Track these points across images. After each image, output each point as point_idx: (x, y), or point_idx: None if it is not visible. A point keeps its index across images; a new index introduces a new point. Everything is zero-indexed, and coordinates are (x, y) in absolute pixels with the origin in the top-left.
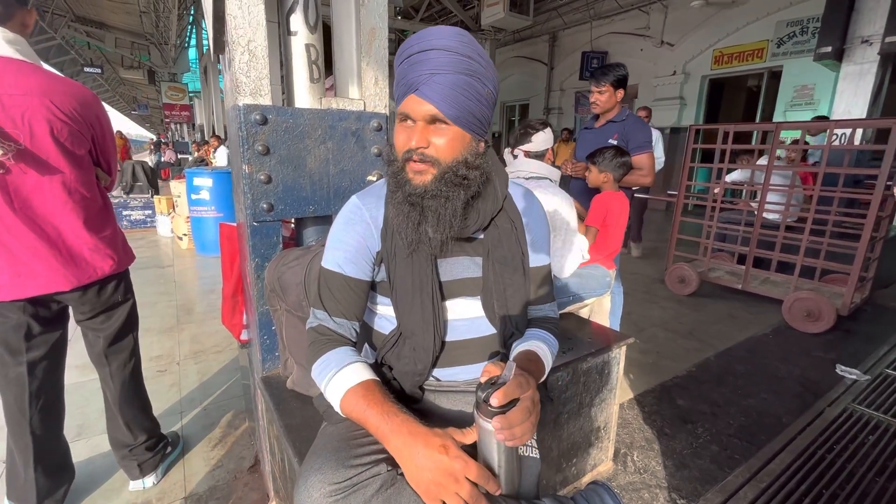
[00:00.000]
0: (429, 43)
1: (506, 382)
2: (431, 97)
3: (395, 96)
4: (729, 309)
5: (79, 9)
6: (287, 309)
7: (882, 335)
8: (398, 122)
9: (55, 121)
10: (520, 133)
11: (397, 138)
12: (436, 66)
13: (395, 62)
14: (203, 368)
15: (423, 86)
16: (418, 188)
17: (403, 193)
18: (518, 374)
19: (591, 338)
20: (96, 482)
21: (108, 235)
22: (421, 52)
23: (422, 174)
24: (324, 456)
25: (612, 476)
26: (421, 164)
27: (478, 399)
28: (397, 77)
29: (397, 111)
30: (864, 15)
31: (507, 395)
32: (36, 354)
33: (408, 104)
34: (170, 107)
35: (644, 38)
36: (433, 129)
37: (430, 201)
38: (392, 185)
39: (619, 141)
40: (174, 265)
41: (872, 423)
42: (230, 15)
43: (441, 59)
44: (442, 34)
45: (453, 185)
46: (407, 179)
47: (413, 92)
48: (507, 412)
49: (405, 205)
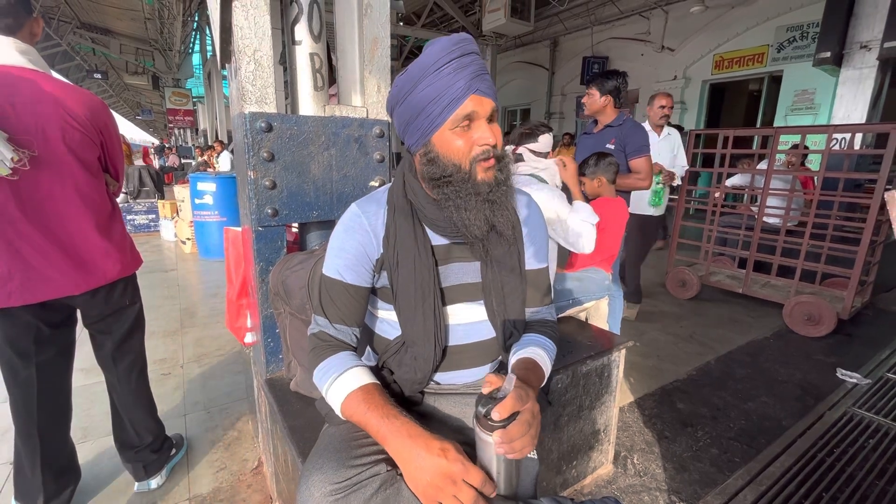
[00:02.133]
0: (466, 47)
1: (505, 396)
2: (490, 94)
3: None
4: (730, 313)
5: (84, 15)
6: (291, 312)
7: (883, 339)
8: (448, 132)
9: (67, 128)
10: (525, 132)
11: (453, 146)
12: (479, 69)
13: (422, 74)
14: (206, 371)
15: (481, 85)
16: (493, 182)
17: (482, 195)
18: (518, 386)
19: (591, 341)
20: (102, 483)
21: (117, 240)
22: (464, 56)
23: (492, 169)
24: (325, 456)
25: (612, 479)
26: (493, 160)
27: (478, 413)
28: (435, 88)
29: (451, 118)
30: (863, 20)
31: (508, 408)
32: (45, 357)
33: (471, 104)
34: (173, 112)
35: (645, 44)
36: (492, 126)
37: (504, 189)
38: (462, 192)
39: (617, 145)
40: (178, 269)
41: (873, 426)
42: (237, 25)
43: (479, 62)
44: (471, 40)
45: (510, 172)
46: (479, 181)
47: (473, 93)
48: (508, 426)
49: (485, 203)
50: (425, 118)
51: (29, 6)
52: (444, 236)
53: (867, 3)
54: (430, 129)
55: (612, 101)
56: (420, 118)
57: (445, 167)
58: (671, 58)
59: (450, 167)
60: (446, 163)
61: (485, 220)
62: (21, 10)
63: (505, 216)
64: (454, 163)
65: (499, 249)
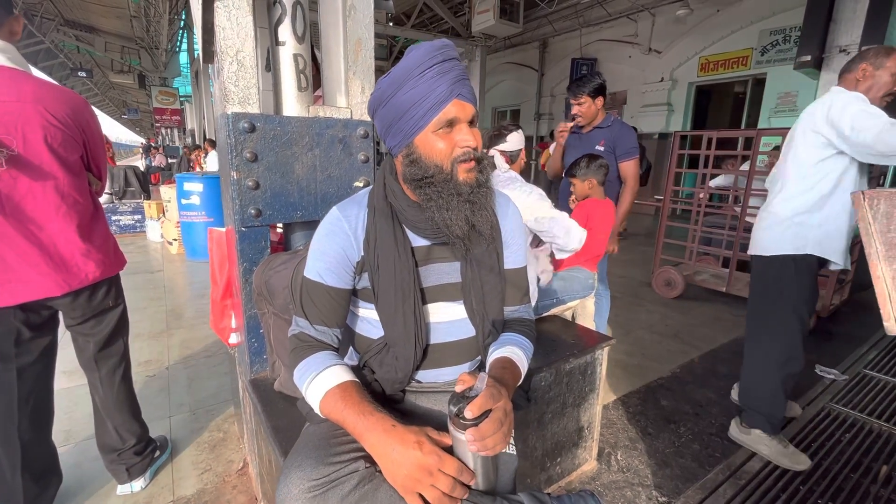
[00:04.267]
0: (448, 53)
1: (478, 394)
2: (471, 99)
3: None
4: (714, 312)
5: (68, 13)
6: (275, 312)
7: (860, 336)
8: (430, 134)
9: (49, 127)
10: (493, 134)
11: (435, 147)
12: (460, 74)
13: (406, 77)
14: (192, 373)
15: (463, 90)
16: (473, 184)
17: (463, 196)
18: (490, 385)
19: (574, 339)
20: (84, 487)
21: (99, 240)
22: (445, 62)
23: (473, 171)
24: (304, 454)
25: (596, 475)
26: (473, 162)
27: (450, 411)
28: (418, 91)
29: (434, 121)
30: (842, 25)
31: (480, 407)
32: (26, 360)
33: (453, 108)
34: (160, 111)
35: (632, 46)
36: (472, 129)
37: (484, 191)
38: (444, 193)
39: (606, 147)
40: (164, 270)
41: (849, 421)
42: (219, 26)
43: (459, 68)
44: (452, 45)
45: (489, 175)
46: (461, 181)
47: (455, 97)
48: (480, 424)
49: (465, 203)
50: (408, 120)
51: (9, 5)
52: (424, 237)
53: (846, 8)
54: (413, 132)
55: (603, 99)
56: (403, 120)
57: (427, 168)
58: (658, 60)
59: (432, 168)
60: (428, 164)
61: (465, 220)
62: (0, 9)
63: (485, 216)
64: (436, 164)
65: (478, 249)
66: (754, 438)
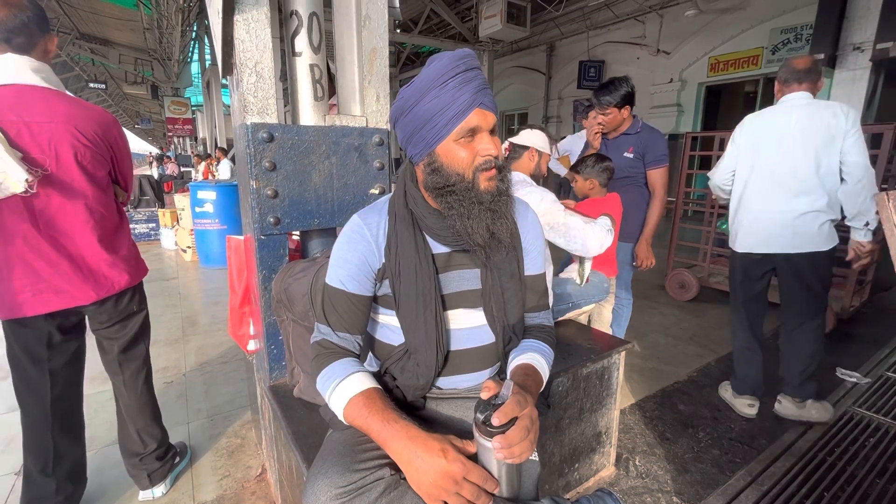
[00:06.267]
0: (470, 62)
1: (504, 402)
2: (492, 108)
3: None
4: (729, 314)
5: (83, 26)
6: (294, 319)
7: (882, 338)
8: (453, 143)
9: (79, 146)
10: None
11: (456, 156)
12: (482, 83)
13: (429, 86)
14: (209, 379)
15: (485, 99)
16: (494, 192)
17: (484, 204)
18: (516, 392)
19: (591, 344)
20: (106, 492)
21: (124, 251)
22: (468, 71)
23: (494, 179)
24: (329, 461)
25: (615, 481)
26: (495, 171)
27: (476, 419)
28: (441, 100)
29: (456, 130)
30: (855, 22)
31: (507, 414)
32: (57, 362)
33: (476, 118)
34: (172, 121)
35: (640, 47)
36: (493, 138)
37: (505, 199)
38: (465, 201)
39: (635, 154)
40: (179, 277)
41: (873, 425)
42: (238, 39)
43: (481, 77)
44: (474, 55)
45: (510, 184)
46: (482, 190)
47: (477, 106)
48: (507, 431)
49: (487, 212)
50: (430, 129)
51: (45, 25)
52: (444, 244)
53: (859, 5)
54: (435, 140)
55: (630, 107)
56: (425, 129)
57: (449, 176)
58: (667, 61)
59: (453, 177)
60: (450, 172)
61: (486, 229)
62: (35, 28)
63: (504, 225)
64: (457, 172)
65: (498, 256)
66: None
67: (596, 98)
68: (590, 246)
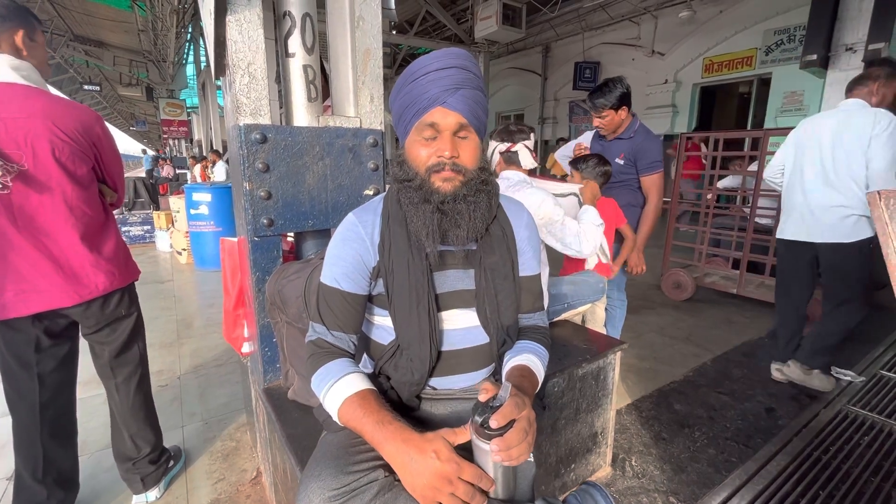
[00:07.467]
0: (447, 62)
1: (502, 404)
2: (460, 108)
3: (401, 115)
4: (725, 313)
5: (78, 28)
6: (288, 321)
7: (876, 336)
8: (415, 139)
9: (57, 141)
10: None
11: (416, 153)
12: (458, 82)
13: (405, 81)
14: (203, 382)
15: (450, 98)
16: (448, 194)
17: (433, 203)
18: (514, 394)
19: (586, 344)
20: (99, 497)
21: (109, 251)
22: (442, 69)
23: (450, 181)
24: (323, 463)
25: (611, 481)
26: (451, 172)
27: (474, 421)
28: (410, 95)
29: (416, 126)
30: (847, 23)
31: (505, 416)
32: (46, 367)
33: (434, 115)
34: (168, 123)
35: (635, 48)
36: (458, 139)
37: (461, 205)
38: (415, 198)
39: (626, 160)
40: (174, 280)
41: (867, 423)
42: (231, 39)
43: (461, 76)
44: (458, 54)
45: (477, 190)
46: (434, 189)
47: (439, 105)
48: (505, 434)
49: (436, 213)
50: (401, 123)
51: (7, 19)
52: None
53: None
54: (404, 134)
55: (628, 108)
56: (399, 122)
57: (408, 172)
58: (662, 62)
59: (411, 172)
60: (409, 168)
61: (433, 229)
62: None
63: (467, 228)
64: (414, 169)
65: (492, 257)
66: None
67: (591, 102)
68: (584, 248)
